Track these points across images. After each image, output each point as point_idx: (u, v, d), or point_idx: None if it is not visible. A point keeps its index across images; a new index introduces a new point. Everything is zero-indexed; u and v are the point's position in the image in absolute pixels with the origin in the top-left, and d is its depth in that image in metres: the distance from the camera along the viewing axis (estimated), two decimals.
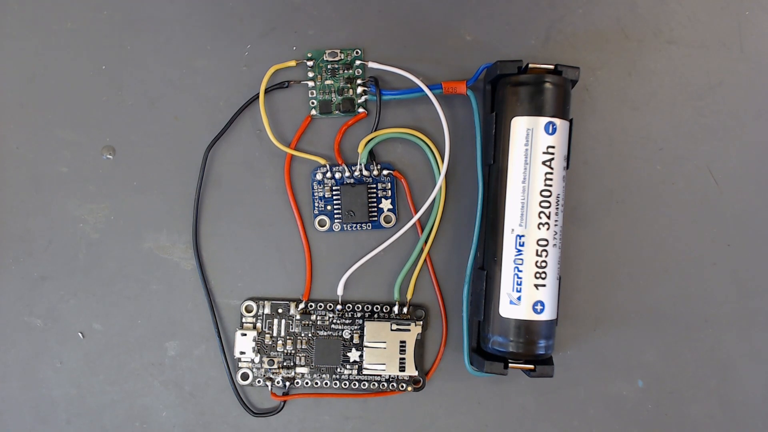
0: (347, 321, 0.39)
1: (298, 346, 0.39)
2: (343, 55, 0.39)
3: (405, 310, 0.39)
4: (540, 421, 0.39)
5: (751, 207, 0.39)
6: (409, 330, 0.38)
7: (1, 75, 0.40)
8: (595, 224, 0.39)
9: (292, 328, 0.39)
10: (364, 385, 0.39)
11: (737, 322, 0.39)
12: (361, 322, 0.39)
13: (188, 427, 0.39)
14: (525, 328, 0.35)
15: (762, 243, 0.39)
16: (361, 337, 0.39)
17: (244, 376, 0.39)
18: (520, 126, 0.35)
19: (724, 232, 0.39)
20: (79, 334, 0.39)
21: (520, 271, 0.34)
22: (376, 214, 0.39)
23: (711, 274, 0.39)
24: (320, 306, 0.39)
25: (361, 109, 0.39)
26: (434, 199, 0.38)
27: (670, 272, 0.39)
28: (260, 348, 0.39)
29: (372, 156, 0.39)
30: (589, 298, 0.39)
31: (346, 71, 0.39)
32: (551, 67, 0.35)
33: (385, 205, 0.39)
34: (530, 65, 0.35)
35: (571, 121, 0.35)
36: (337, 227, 0.39)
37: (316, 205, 0.39)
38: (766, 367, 0.39)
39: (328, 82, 0.39)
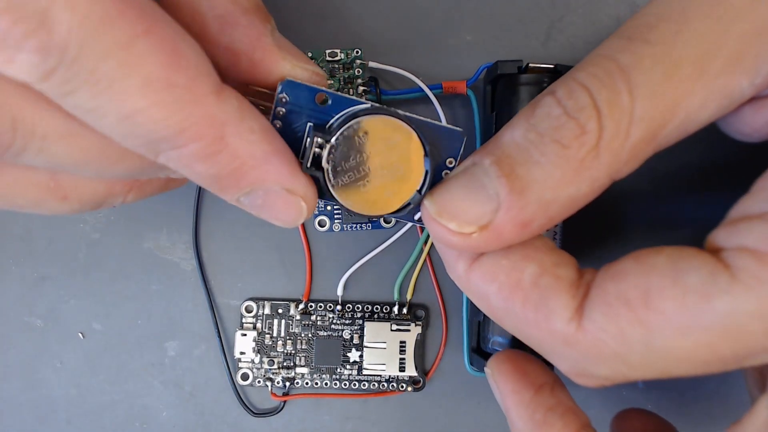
0: (347, 321, 0.39)
1: (298, 347, 0.39)
2: (343, 55, 0.39)
3: (405, 310, 0.39)
4: None
5: None
6: (409, 330, 0.38)
7: None
8: (595, 224, 0.39)
9: (292, 329, 0.39)
10: (364, 385, 0.39)
11: None
12: (361, 322, 0.39)
13: (188, 427, 0.39)
14: None
15: None
16: (361, 337, 0.39)
17: (244, 377, 0.39)
18: None
19: None
20: (79, 334, 0.39)
21: None
22: None
23: None
24: (320, 306, 0.39)
25: None
26: None
27: None
28: (260, 348, 0.39)
29: None
30: None
31: (346, 71, 0.39)
32: (551, 66, 0.35)
33: None
34: (530, 65, 0.35)
35: None
36: (337, 227, 0.39)
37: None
38: None
39: (328, 81, 0.39)
